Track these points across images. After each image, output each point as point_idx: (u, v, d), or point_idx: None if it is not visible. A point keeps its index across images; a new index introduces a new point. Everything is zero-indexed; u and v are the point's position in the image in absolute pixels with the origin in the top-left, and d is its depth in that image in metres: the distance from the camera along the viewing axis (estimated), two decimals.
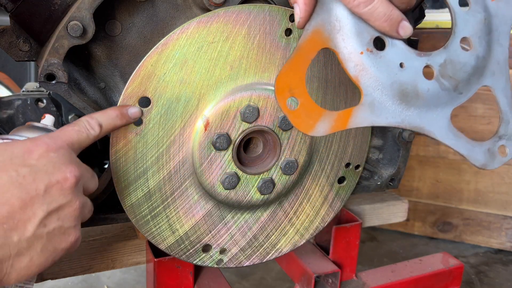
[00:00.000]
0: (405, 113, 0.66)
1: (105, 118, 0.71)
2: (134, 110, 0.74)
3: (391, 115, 0.66)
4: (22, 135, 0.74)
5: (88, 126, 0.69)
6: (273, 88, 0.80)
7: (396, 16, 0.62)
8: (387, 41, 0.65)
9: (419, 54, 0.66)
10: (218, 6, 0.80)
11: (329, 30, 0.63)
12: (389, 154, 1.09)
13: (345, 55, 0.64)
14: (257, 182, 0.85)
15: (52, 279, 0.97)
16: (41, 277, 0.96)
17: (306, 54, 0.62)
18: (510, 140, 0.73)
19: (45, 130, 0.78)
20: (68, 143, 0.64)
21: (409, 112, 0.66)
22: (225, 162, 0.81)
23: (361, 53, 0.63)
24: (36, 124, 0.80)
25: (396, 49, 0.65)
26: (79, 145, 0.67)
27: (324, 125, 0.63)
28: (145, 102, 0.76)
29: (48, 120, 0.81)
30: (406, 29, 0.63)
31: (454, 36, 0.68)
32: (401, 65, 0.65)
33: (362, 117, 0.64)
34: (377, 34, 0.64)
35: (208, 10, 0.81)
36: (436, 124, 0.68)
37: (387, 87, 0.65)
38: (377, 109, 0.65)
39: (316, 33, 0.63)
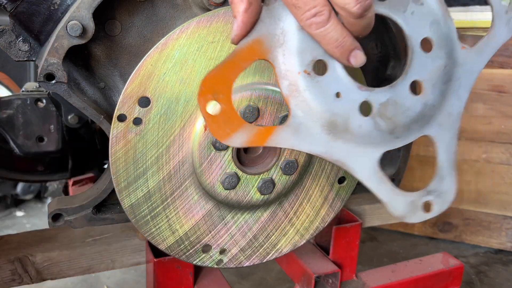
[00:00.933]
0: (330, 144, 0.62)
1: None
2: None
3: (315, 143, 0.62)
4: None
5: None
6: (273, 88, 0.80)
7: (349, 43, 0.58)
8: (329, 67, 0.61)
9: (360, 87, 0.62)
10: (218, 6, 0.80)
11: (271, 42, 0.60)
12: (389, 154, 1.09)
13: (282, 72, 0.61)
14: (257, 182, 0.84)
15: (52, 279, 0.97)
16: (41, 277, 0.96)
17: (240, 61, 0.59)
18: (439, 197, 0.68)
19: None
20: None
21: (335, 144, 0.63)
22: (225, 162, 0.81)
23: (299, 73, 0.60)
24: None
25: (336, 77, 0.61)
26: None
27: (241, 136, 0.59)
28: (144, 102, 0.76)
29: None
30: (358, 58, 0.60)
31: (405, 76, 0.63)
32: (337, 94, 0.61)
33: (283, 138, 0.61)
34: (319, 58, 0.61)
35: (208, 10, 0.81)
36: (361, 163, 0.64)
37: (317, 114, 0.61)
38: (302, 133, 0.62)
39: (256, 42, 0.60)
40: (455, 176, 0.69)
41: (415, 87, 0.64)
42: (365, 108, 0.62)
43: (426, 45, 0.64)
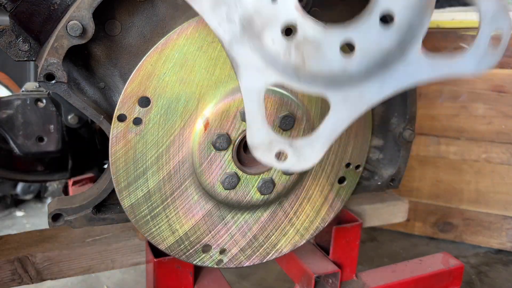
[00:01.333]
0: (238, 39, 0.58)
1: None
2: None
3: (225, 26, 0.58)
4: None
5: None
6: (273, 88, 0.80)
7: None
8: None
9: (298, 8, 0.56)
10: None
11: None
12: (389, 154, 1.09)
13: None
14: (257, 182, 0.84)
15: (51, 279, 0.97)
16: (41, 277, 0.96)
17: None
18: (296, 156, 0.62)
19: None
20: None
21: (241, 42, 0.58)
22: (225, 162, 0.81)
23: None
24: None
25: None
26: None
27: None
28: (144, 102, 0.76)
29: None
30: None
31: (344, 31, 0.57)
32: None
33: (203, 3, 0.57)
34: None
35: None
36: (252, 77, 0.59)
37: (246, 4, 0.56)
38: (219, 9, 0.57)
39: None
40: (323, 152, 0.62)
41: (346, 47, 0.58)
42: (289, 31, 0.57)
43: (388, 19, 0.57)
